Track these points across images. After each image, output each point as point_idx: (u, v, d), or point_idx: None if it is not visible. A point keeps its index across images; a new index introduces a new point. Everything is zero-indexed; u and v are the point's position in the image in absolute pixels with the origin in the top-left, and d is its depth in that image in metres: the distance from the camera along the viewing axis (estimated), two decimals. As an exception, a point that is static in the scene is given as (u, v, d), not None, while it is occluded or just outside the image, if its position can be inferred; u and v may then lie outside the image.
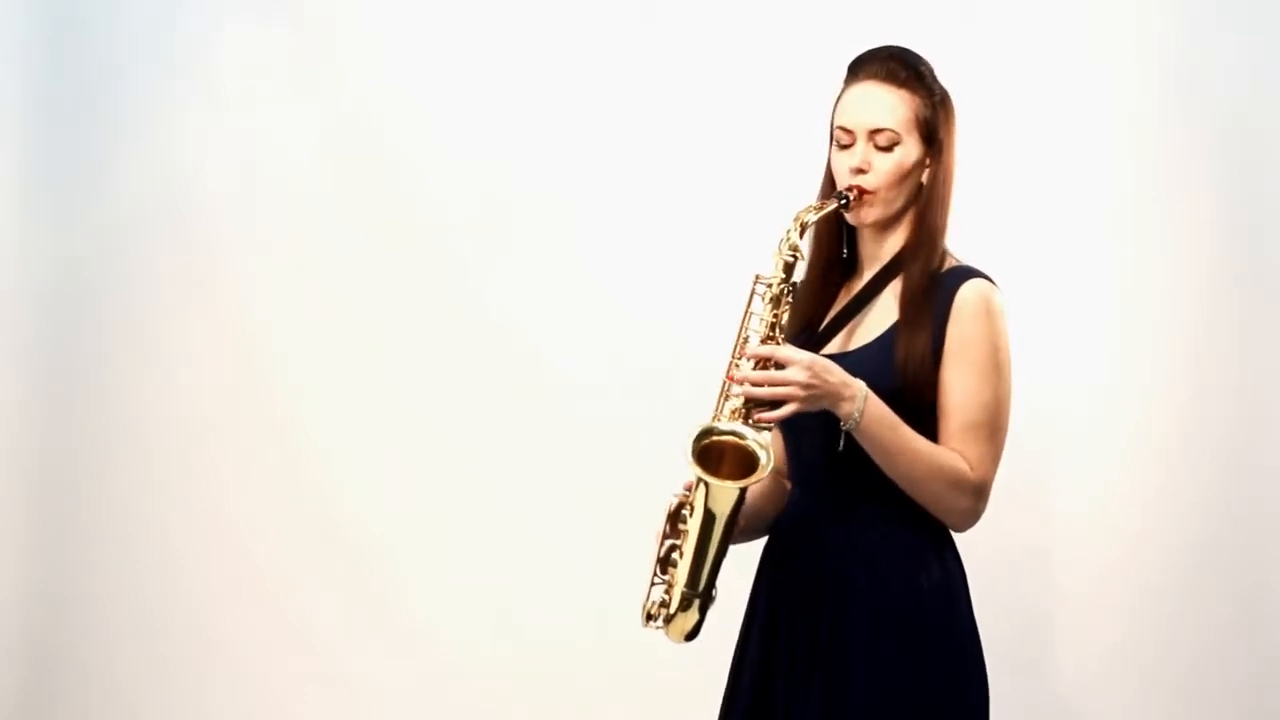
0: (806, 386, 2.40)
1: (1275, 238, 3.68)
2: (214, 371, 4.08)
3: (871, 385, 2.45)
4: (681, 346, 3.85)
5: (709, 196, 3.87)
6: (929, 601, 2.50)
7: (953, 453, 2.48)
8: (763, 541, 2.67)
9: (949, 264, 2.57)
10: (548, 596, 3.95)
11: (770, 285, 2.50)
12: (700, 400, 3.61)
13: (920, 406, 2.49)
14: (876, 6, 3.72)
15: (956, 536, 2.59)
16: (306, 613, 4.04)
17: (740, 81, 3.86)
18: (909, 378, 2.49)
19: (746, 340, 2.50)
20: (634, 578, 3.78)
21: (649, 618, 2.51)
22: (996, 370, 2.50)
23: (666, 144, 3.91)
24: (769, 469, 2.39)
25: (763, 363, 2.43)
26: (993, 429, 2.50)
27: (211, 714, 4.07)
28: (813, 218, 2.53)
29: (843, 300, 2.63)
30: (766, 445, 2.40)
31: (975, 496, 2.50)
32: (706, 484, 2.41)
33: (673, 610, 2.47)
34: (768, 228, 2.96)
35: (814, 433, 2.52)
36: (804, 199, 2.66)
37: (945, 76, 2.63)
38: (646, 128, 3.92)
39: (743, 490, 2.42)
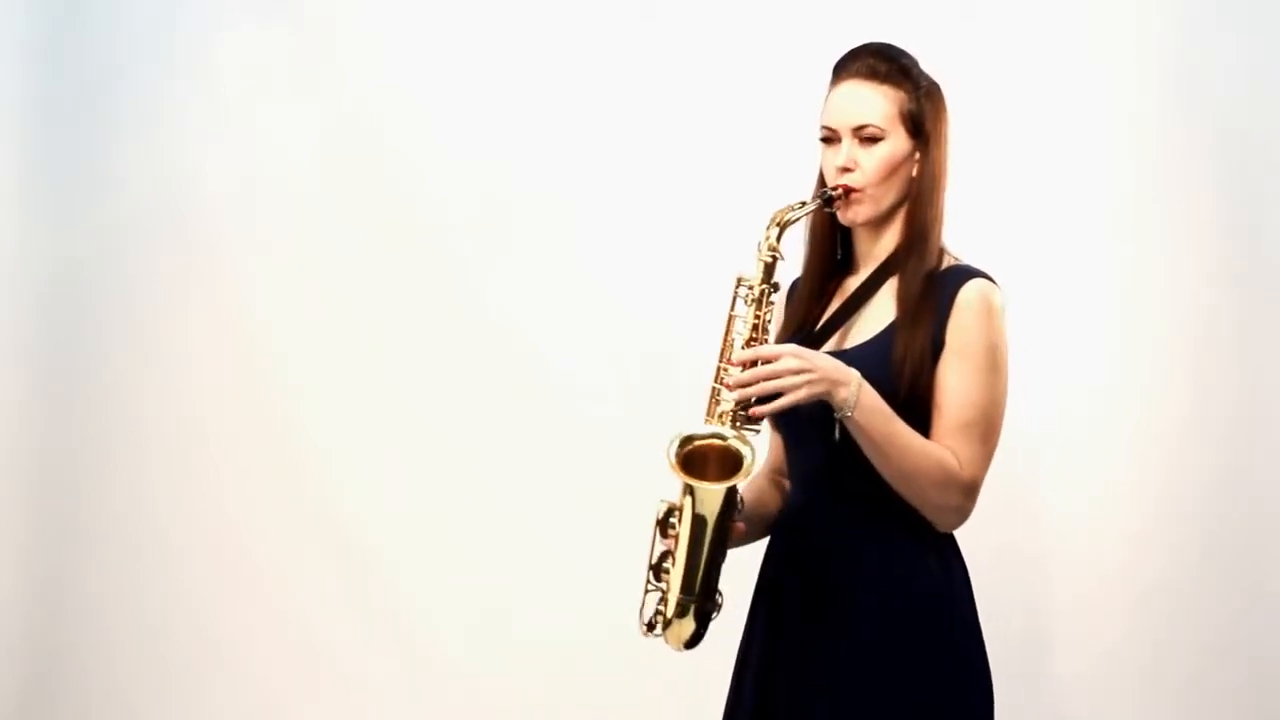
0: (798, 372, 2.38)
1: (1275, 238, 3.68)
2: (214, 371, 4.08)
3: (869, 383, 2.44)
4: (681, 346, 3.84)
5: (709, 197, 3.87)
6: (931, 603, 2.50)
7: (944, 449, 2.46)
8: (764, 543, 2.66)
9: (948, 262, 2.55)
10: (548, 597, 3.95)
11: (752, 287, 2.49)
12: (701, 400, 3.62)
13: (919, 406, 2.48)
14: (876, 6, 3.72)
15: (958, 538, 2.59)
16: (306, 613, 4.04)
17: (740, 81, 3.85)
18: (907, 377, 2.47)
19: (732, 344, 2.49)
20: (634, 578, 3.81)
21: (649, 628, 2.49)
22: (994, 371, 2.49)
23: (666, 144, 3.91)
24: (754, 467, 2.37)
25: (750, 365, 2.42)
26: (986, 430, 2.48)
27: (211, 714, 4.07)
28: (793, 216, 2.50)
29: (838, 299, 2.62)
30: (750, 443, 2.38)
31: (964, 495, 2.48)
32: (692, 488, 2.39)
33: (669, 617, 2.45)
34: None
35: (813, 431, 2.51)
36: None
37: (945, 76, 2.63)
38: (646, 128, 3.92)
39: (729, 491, 2.40)
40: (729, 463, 2.39)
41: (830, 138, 2.56)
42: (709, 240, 3.84)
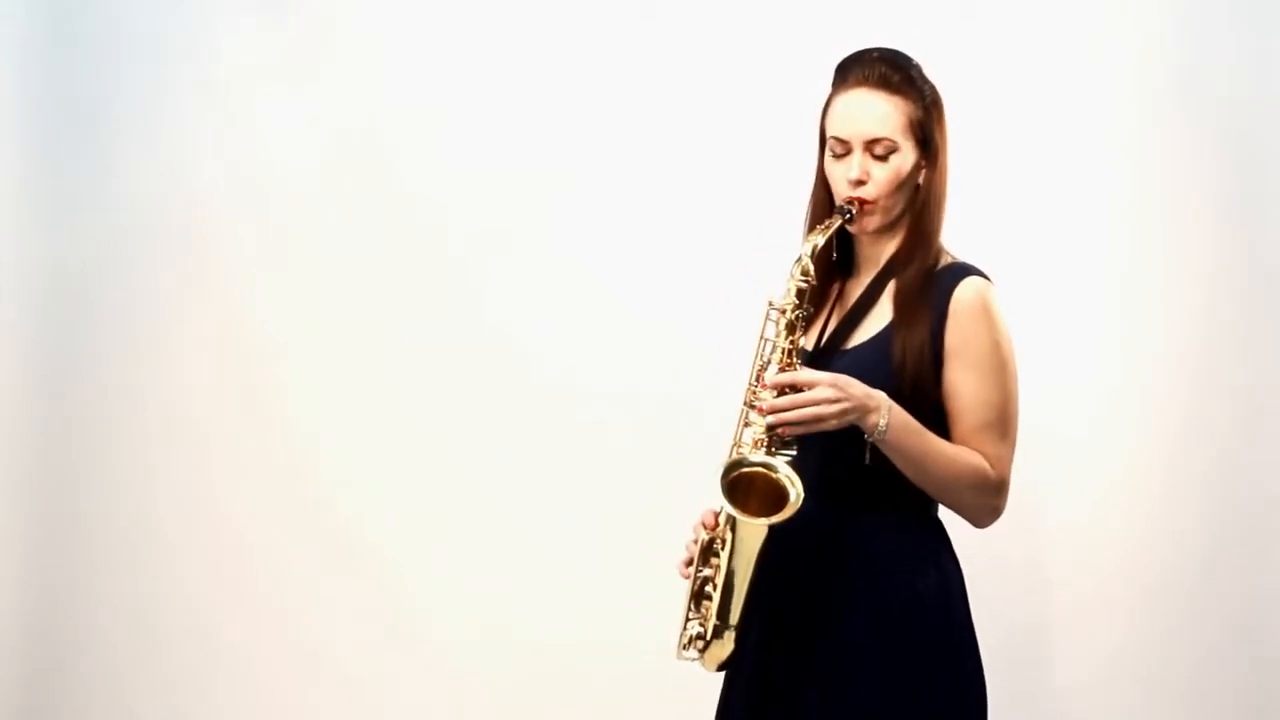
0: (834, 402, 2.41)
1: (1276, 238, 3.67)
2: (213, 372, 4.08)
3: (868, 383, 2.45)
4: (683, 348, 3.85)
5: (712, 199, 3.86)
6: (927, 609, 2.50)
7: (973, 452, 2.49)
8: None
9: (944, 261, 2.57)
10: (548, 597, 3.94)
11: (784, 311, 2.50)
12: (702, 402, 3.62)
13: (921, 404, 2.48)
14: (876, 6, 3.72)
15: (956, 542, 2.59)
16: (306, 613, 4.04)
17: (741, 82, 3.85)
18: (907, 376, 2.49)
19: (764, 367, 2.49)
20: (633, 578, 3.81)
21: (683, 649, 2.52)
22: (1000, 367, 2.50)
23: (670, 145, 3.90)
24: (799, 505, 2.39)
25: (784, 389, 2.43)
26: (1004, 426, 2.51)
27: (211, 714, 4.07)
28: (822, 240, 2.52)
29: (840, 302, 2.63)
30: (796, 480, 2.40)
31: (998, 494, 2.52)
32: (736, 521, 2.41)
33: (709, 640, 2.48)
34: (772, 230, 2.96)
35: (813, 438, 2.51)
36: (808, 201, 2.66)
37: (945, 76, 2.63)
38: (650, 128, 3.91)
39: (772, 525, 2.42)
40: (772, 494, 2.41)
41: (839, 148, 2.56)
42: (712, 243, 3.85)
